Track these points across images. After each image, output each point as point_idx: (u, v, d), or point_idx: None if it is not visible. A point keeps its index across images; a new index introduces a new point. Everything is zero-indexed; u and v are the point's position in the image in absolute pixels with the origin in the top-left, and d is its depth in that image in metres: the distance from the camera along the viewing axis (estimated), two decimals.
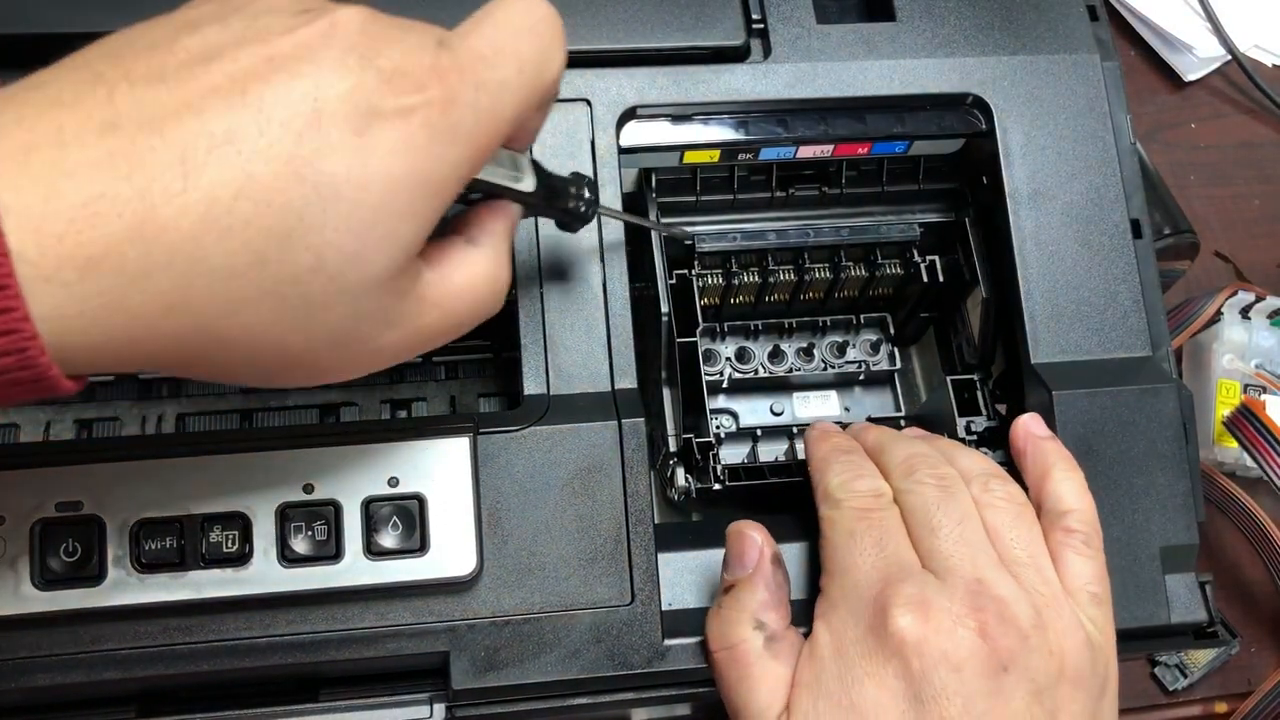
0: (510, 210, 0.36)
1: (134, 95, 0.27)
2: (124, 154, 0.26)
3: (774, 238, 0.47)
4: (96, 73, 0.27)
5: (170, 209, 0.26)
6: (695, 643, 0.39)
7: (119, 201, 0.26)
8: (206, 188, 0.27)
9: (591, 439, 0.40)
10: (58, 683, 0.36)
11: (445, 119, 0.29)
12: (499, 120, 0.31)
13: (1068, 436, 0.42)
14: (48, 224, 0.25)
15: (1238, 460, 0.59)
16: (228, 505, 0.37)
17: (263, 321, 0.28)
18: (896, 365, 0.51)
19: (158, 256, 0.26)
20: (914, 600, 0.35)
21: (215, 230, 0.27)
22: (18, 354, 0.25)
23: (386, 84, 0.28)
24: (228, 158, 0.27)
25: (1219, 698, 0.59)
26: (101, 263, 0.26)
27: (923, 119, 0.46)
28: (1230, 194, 0.70)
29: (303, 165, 0.27)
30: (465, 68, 0.30)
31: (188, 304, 0.27)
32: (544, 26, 0.32)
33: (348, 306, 0.29)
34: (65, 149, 0.26)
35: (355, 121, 0.28)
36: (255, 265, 0.27)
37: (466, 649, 0.38)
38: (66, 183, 0.26)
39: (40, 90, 0.27)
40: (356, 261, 0.29)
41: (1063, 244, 0.45)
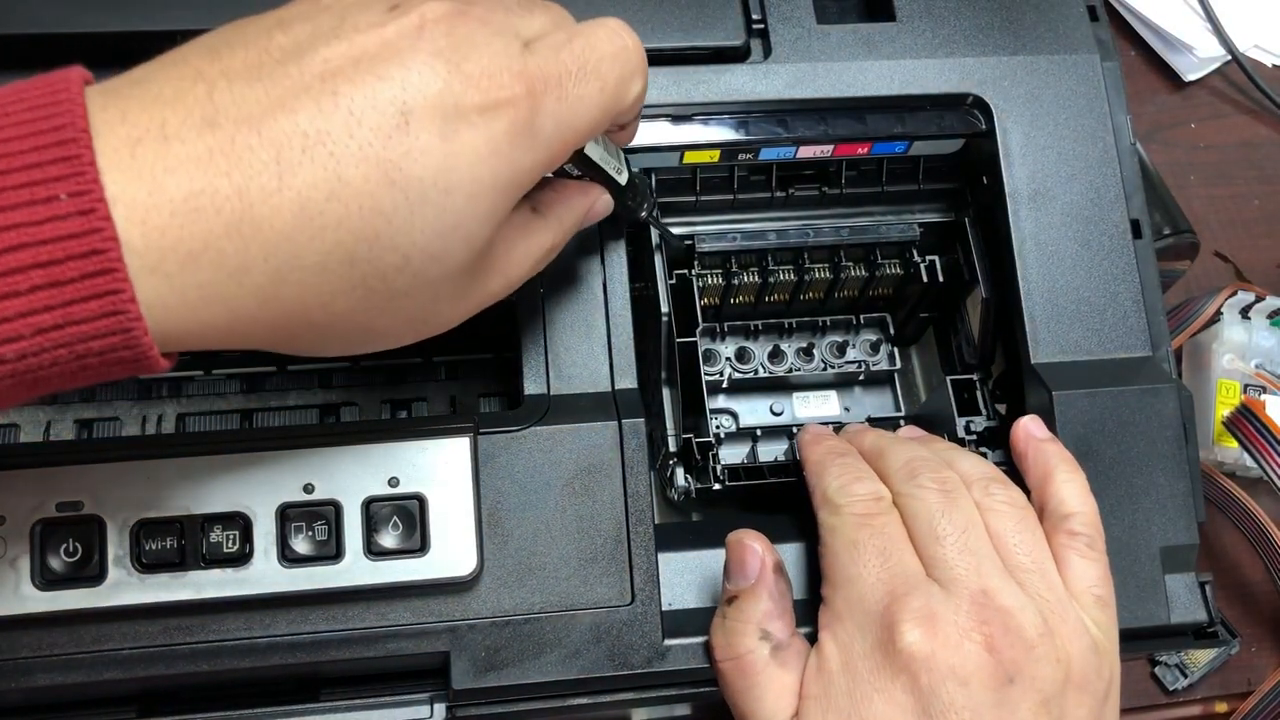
0: (594, 193, 0.38)
1: (232, 93, 0.28)
2: (223, 151, 0.27)
3: (774, 238, 0.47)
4: (196, 69, 0.28)
5: (266, 207, 0.27)
6: (695, 643, 0.39)
7: (218, 198, 0.27)
8: (299, 188, 0.28)
9: (592, 439, 0.40)
10: (58, 683, 0.36)
11: (527, 123, 0.30)
12: (575, 132, 0.32)
13: (1068, 436, 0.42)
14: (152, 217, 0.26)
15: (1238, 460, 0.59)
16: (228, 505, 0.37)
17: (352, 310, 0.30)
18: (896, 365, 0.51)
19: (254, 252, 0.28)
20: (921, 614, 0.35)
21: (309, 230, 0.28)
22: (123, 334, 0.27)
23: (473, 87, 0.29)
24: (319, 158, 0.28)
25: (1219, 698, 0.59)
26: (200, 257, 0.27)
27: (923, 119, 0.46)
28: (1230, 194, 0.70)
29: (392, 169, 0.28)
30: (550, 77, 0.31)
31: (282, 296, 0.29)
32: (628, 55, 0.34)
33: (428, 293, 0.31)
34: (168, 144, 0.27)
35: (441, 125, 0.29)
36: (345, 263, 0.29)
37: (467, 649, 0.38)
38: (169, 178, 0.27)
39: (142, 86, 0.28)
40: (439, 259, 0.30)
41: (1063, 244, 0.45)
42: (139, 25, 0.40)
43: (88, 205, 0.26)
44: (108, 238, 0.26)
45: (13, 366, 0.26)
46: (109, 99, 0.28)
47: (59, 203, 0.26)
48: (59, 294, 0.26)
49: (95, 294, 0.26)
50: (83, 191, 0.26)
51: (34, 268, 0.26)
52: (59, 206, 0.26)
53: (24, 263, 0.26)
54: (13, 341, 0.26)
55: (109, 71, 0.40)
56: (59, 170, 0.26)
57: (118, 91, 0.28)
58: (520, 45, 0.31)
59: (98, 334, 0.27)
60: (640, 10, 0.44)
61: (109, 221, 0.26)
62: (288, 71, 0.28)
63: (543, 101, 0.31)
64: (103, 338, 0.27)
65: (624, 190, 0.38)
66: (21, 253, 0.26)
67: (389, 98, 0.28)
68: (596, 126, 0.33)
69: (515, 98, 0.30)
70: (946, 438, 0.47)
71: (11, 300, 0.26)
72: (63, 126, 0.26)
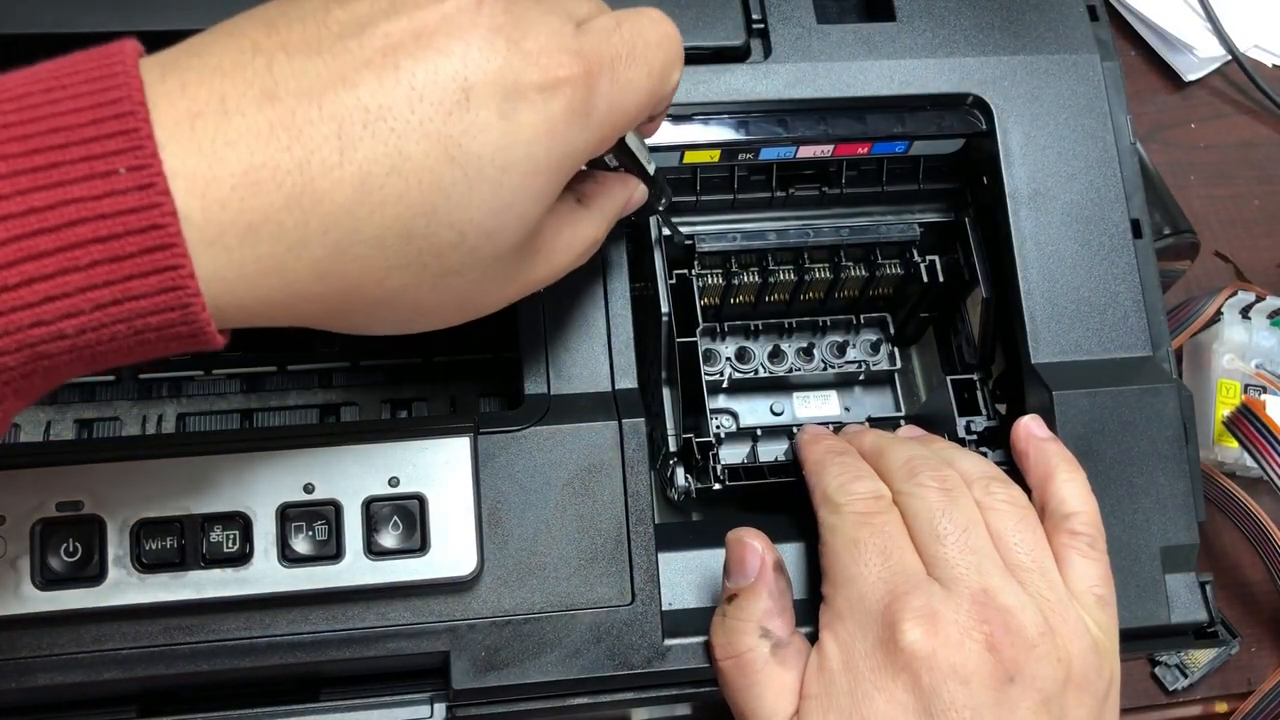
0: (632, 184, 0.38)
1: (292, 65, 0.28)
2: (283, 125, 0.27)
3: (774, 238, 0.47)
4: (254, 41, 0.28)
5: (327, 181, 0.27)
6: (696, 642, 0.39)
7: (279, 171, 0.27)
8: (361, 162, 0.28)
9: (592, 439, 0.40)
10: (58, 682, 0.36)
11: (584, 102, 0.31)
12: (625, 114, 0.33)
13: (1068, 436, 0.42)
14: (212, 190, 0.26)
15: (1238, 460, 0.59)
16: (228, 505, 0.37)
17: (405, 285, 0.30)
18: (896, 365, 0.51)
19: (314, 226, 0.28)
20: (922, 613, 0.35)
21: (368, 204, 0.28)
22: (181, 309, 0.27)
23: (532, 65, 0.29)
24: (381, 134, 0.28)
25: (1219, 698, 0.59)
26: (260, 229, 0.27)
27: (923, 119, 0.46)
28: (1230, 194, 0.70)
29: (452, 145, 0.28)
30: (604, 58, 0.31)
31: (340, 271, 0.29)
32: (670, 43, 0.34)
33: (479, 272, 0.31)
34: (228, 117, 0.27)
35: (501, 103, 0.29)
36: (402, 238, 0.29)
37: (467, 649, 0.38)
38: (229, 151, 0.27)
39: (200, 57, 0.28)
40: (492, 237, 0.30)
41: (1063, 244, 0.45)
42: (139, 25, 0.40)
43: (146, 179, 0.26)
44: (167, 212, 0.26)
45: (73, 341, 0.26)
46: (166, 71, 0.27)
47: (118, 177, 0.26)
48: (118, 269, 0.26)
49: (154, 269, 0.26)
50: (142, 165, 0.26)
51: (93, 242, 0.26)
52: (118, 181, 0.26)
53: (83, 237, 0.25)
54: (73, 316, 0.26)
55: None
56: (117, 144, 0.26)
57: (175, 63, 0.28)
58: (574, 25, 0.31)
59: (156, 309, 0.27)
60: None
61: (168, 196, 0.26)
62: (347, 46, 0.28)
63: (597, 82, 0.31)
64: (161, 313, 0.27)
65: (653, 181, 0.39)
66: (81, 227, 0.25)
67: (451, 73, 0.28)
68: (643, 111, 0.34)
69: (573, 77, 0.30)
70: (947, 437, 0.47)
71: (71, 275, 0.26)
72: (120, 99, 0.26)
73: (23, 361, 0.26)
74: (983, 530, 0.37)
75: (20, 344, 0.26)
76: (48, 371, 0.27)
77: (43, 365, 0.27)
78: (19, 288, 0.25)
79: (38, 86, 0.27)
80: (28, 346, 0.26)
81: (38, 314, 0.26)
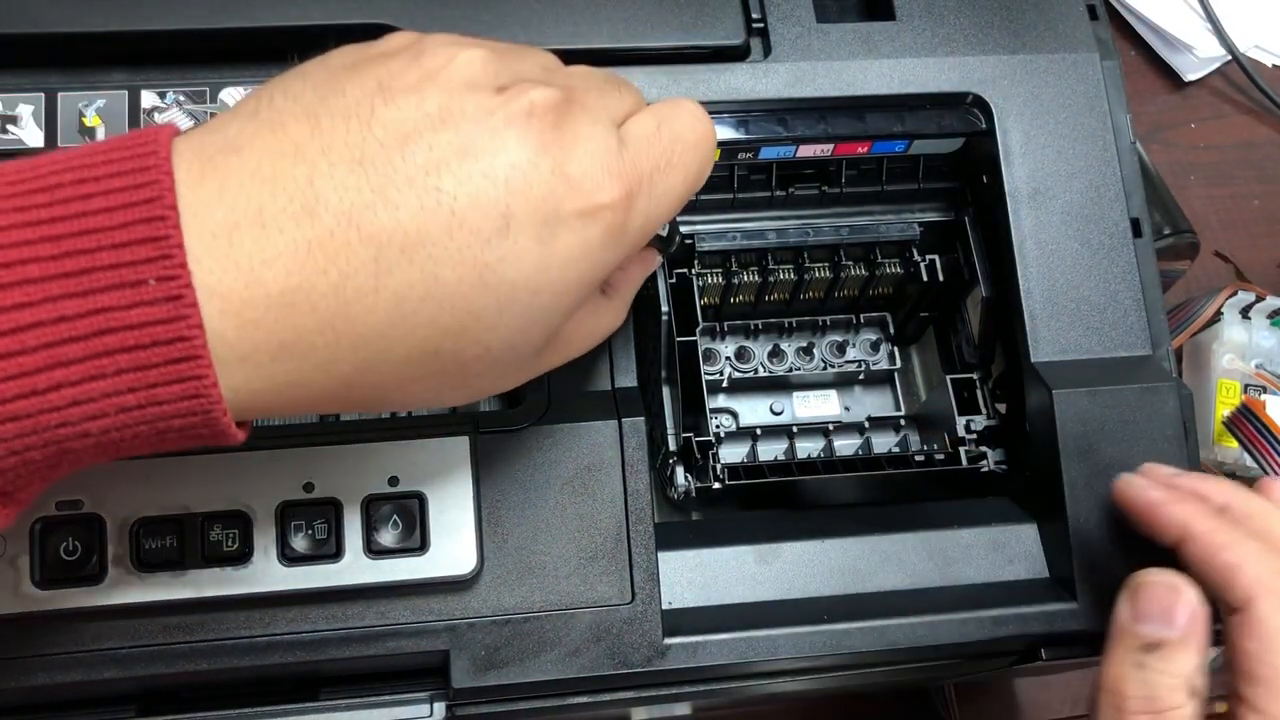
0: (652, 258, 0.38)
1: (333, 179, 0.27)
2: (321, 246, 0.27)
3: (774, 237, 0.47)
4: (295, 144, 0.28)
5: (361, 306, 0.28)
6: (696, 641, 0.39)
7: (314, 295, 0.27)
8: (396, 287, 0.28)
9: (591, 438, 0.40)
10: (58, 682, 0.36)
11: (621, 224, 0.30)
12: (658, 222, 0.33)
13: (1068, 436, 0.42)
14: (247, 311, 0.27)
15: (1238, 460, 0.59)
16: (228, 504, 0.37)
17: (428, 390, 0.31)
18: (896, 365, 0.51)
19: (344, 346, 0.28)
20: None
21: (401, 328, 0.28)
22: (204, 415, 0.27)
23: (575, 190, 0.29)
24: (418, 260, 0.28)
25: (1219, 698, 0.59)
26: (292, 348, 0.27)
27: (923, 118, 0.46)
28: (1230, 194, 0.70)
29: (487, 272, 0.28)
30: (644, 175, 0.31)
31: (366, 383, 0.29)
32: (707, 143, 0.34)
33: (499, 375, 0.32)
34: (266, 232, 0.27)
35: (540, 229, 0.29)
36: (429, 355, 0.29)
37: (467, 648, 0.38)
38: (266, 271, 0.27)
39: (239, 156, 0.28)
40: (516, 349, 0.31)
41: (1063, 243, 0.45)
42: (139, 25, 0.40)
43: (175, 291, 0.26)
44: (194, 325, 0.26)
45: (97, 439, 0.27)
46: (206, 170, 0.27)
47: (147, 287, 0.26)
48: (143, 377, 0.26)
49: (178, 378, 0.26)
50: (170, 276, 0.26)
51: (120, 352, 0.26)
52: (146, 291, 0.26)
53: (110, 347, 0.26)
54: (97, 419, 0.26)
55: (109, 72, 0.40)
56: (147, 251, 0.26)
57: (213, 161, 0.27)
58: (617, 138, 0.31)
59: (179, 414, 0.27)
60: (640, 9, 0.44)
61: (195, 308, 0.26)
62: (390, 159, 0.28)
63: (636, 201, 0.31)
64: (183, 417, 0.27)
65: (667, 244, 0.38)
66: (109, 337, 0.26)
67: (492, 199, 0.28)
68: (675, 213, 0.34)
69: (614, 202, 0.30)
70: (946, 437, 0.47)
71: (97, 382, 0.26)
72: (151, 201, 0.26)
73: (49, 456, 0.27)
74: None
75: (47, 441, 0.27)
76: (72, 461, 0.28)
77: (68, 457, 0.27)
78: (47, 392, 0.26)
79: (70, 176, 0.27)
80: (54, 444, 0.27)
81: (64, 416, 0.26)
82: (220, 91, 0.41)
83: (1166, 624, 0.35)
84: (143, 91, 0.41)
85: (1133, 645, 0.36)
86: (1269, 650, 0.34)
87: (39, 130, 0.40)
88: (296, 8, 0.41)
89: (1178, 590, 0.36)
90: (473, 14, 0.42)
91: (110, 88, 0.41)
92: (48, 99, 0.40)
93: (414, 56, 0.30)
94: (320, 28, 0.41)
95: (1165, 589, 0.36)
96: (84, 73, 0.41)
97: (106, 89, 0.41)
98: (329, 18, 0.41)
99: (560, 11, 0.43)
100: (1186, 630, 0.35)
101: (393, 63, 0.30)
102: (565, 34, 0.43)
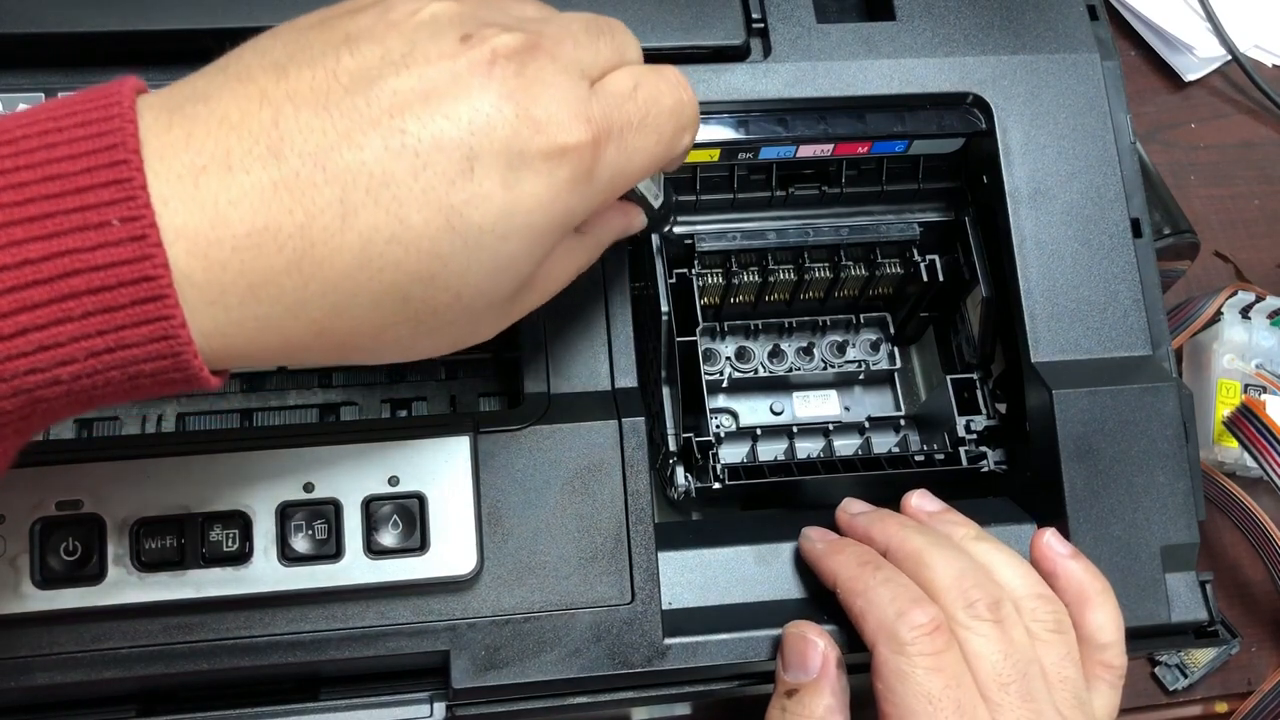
0: (633, 213, 0.38)
1: (298, 121, 0.27)
2: (288, 186, 0.27)
3: (774, 237, 0.47)
4: (261, 90, 0.28)
5: (328, 248, 0.28)
6: (695, 642, 0.39)
7: (281, 235, 0.27)
8: (362, 229, 0.28)
9: (592, 438, 0.40)
10: (58, 682, 0.36)
11: (588, 171, 0.30)
12: (627, 179, 0.33)
13: (1068, 436, 0.42)
14: (214, 251, 0.27)
15: (1238, 460, 0.59)
16: (228, 504, 0.37)
17: (400, 337, 0.31)
18: (896, 365, 0.51)
19: (313, 289, 0.28)
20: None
21: (367, 270, 0.28)
22: (174, 357, 0.27)
23: (540, 133, 0.29)
24: (384, 201, 0.28)
25: (1219, 698, 0.59)
26: (260, 291, 0.27)
27: (923, 118, 0.46)
28: (1230, 194, 0.70)
29: (453, 215, 0.28)
30: (613, 126, 0.31)
31: (337, 328, 0.29)
32: (684, 110, 0.34)
33: (472, 318, 0.32)
34: (232, 174, 0.27)
35: (505, 172, 0.29)
36: (399, 300, 0.29)
37: (467, 648, 0.38)
38: (233, 210, 0.27)
39: (207, 104, 0.28)
40: (487, 294, 0.31)
41: (1063, 243, 0.45)
42: (139, 25, 0.40)
43: (139, 231, 0.26)
44: (159, 264, 0.26)
45: (68, 387, 0.27)
46: (174, 117, 0.27)
47: (111, 228, 0.26)
48: (111, 319, 0.26)
49: (146, 319, 0.26)
50: (134, 216, 0.26)
51: (86, 294, 0.26)
52: (111, 232, 0.26)
53: (77, 289, 0.26)
54: (67, 364, 0.26)
55: (108, 72, 0.40)
56: (111, 194, 0.26)
57: (181, 109, 0.28)
58: (587, 86, 0.31)
59: (149, 357, 0.27)
60: (640, 9, 0.44)
61: (160, 248, 0.26)
62: (355, 103, 0.28)
63: (604, 150, 0.31)
64: (154, 360, 0.27)
65: (656, 211, 0.39)
66: (75, 279, 0.26)
67: (456, 140, 0.28)
68: (648, 174, 0.34)
69: (580, 145, 0.30)
70: (947, 437, 0.47)
71: (65, 325, 0.26)
72: (114, 146, 0.26)
73: (20, 406, 0.27)
74: (1038, 670, 0.37)
75: (16, 390, 0.26)
76: (45, 413, 0.28)
77: (40, 408, 0.27)
78: (14, 338, 0.26)
79: (35, 129, 0.27)
80: (24, 392, 0.26)
81: (33, 362, 0.26)
82: None
83: (803, 670, 0.38)
84: None
85: (780, 691, 0.38)
86: (890, 689, 0.36)
87: None
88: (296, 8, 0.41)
89: (807, 639, 0.38)
90: None
91: None
92: (48, 99, 0.40)
93: (382, 11, 0.30)
94: None
95: (799, 638, 0.38)
96: (84, 73, 0.41)
97: None
98: None
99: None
100: (820, 674, 0.38)
101: (361, 17, 0.30)
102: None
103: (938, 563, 0.38)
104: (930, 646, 0.36)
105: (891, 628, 0.36)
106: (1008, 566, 0.39)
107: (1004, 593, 0.38)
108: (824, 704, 0.37)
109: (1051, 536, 0.40)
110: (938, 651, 0.36)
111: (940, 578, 0.38)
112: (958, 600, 0.37)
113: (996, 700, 0.36)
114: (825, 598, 0.40)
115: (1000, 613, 0.37)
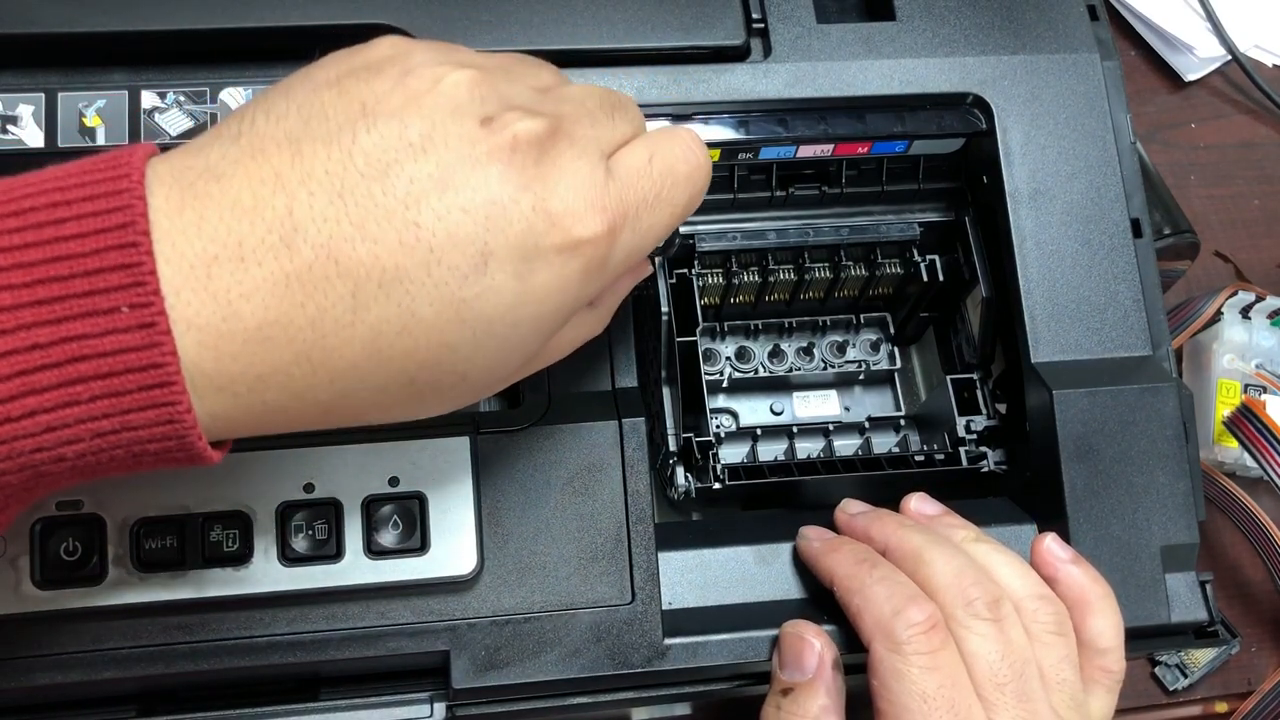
0: (643, 269, 0.38)
1: (312, 210, 0.27)
2: (299, 279, 0.27)
3: (774, 237, 0.47)
4: (275, 171, 0.28)
5: (338, 339, 0.28)
6: (695, 642, 0.39)
7: (291, 328, 0.27)
8: (372, 322, 0.28)
9: (592, 438, 0.40)
10: (58, 682, 0.36)
11: (601, 259, 0.30)
12: (641, 255, 0.33)
13: (1068, 436, 0.42)
14: (224, 344, 0.27)
15: (1238, 460, 0.59)
16: (228, 504, 0.37)
17: (407, 410, 0.31)
18: (896, 365, 0.51)
19: (321, 377, 0.28)
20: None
21: (376, 360, 0.28)
22: (178, 439, 0.27)
23: (556, 226, 0.29)
24: (395, 295, 0.28)
25: (1219, 698, 0.59)
26: (268, 379, 0.28)
27: (923, 118, 0.45)
28: (1230, 194, 0.70)
29: (464, 308, 0.28)
30: (629, 209, 0.31)
31: (343, 409, 0.29)
32: (698, 176, 0.34)
33: (476, 393, 0.32)
34: (245, 265, 0.27)
35: (519, 264, 0.29)
36: (405, 384, 0.29)
37: (467, 648, 0.38)
38: (245, 305, 0.27)
39: (219, 184, 0.27)
40: (494, 372, 0.31)
41: (1063, 243, 0.45)
42: (139, 25, 0.40)
43: (148, 318, 0.26)
44: (167, 351, 0.26)
45: (73, 463, 0.27)
46: (186, 197, 0.27)
47: (120, 314, 0.26)
48: (118, 403, 0.26)
49: (152, 404, 0.27)
50: (143, 304, 0.26)
51: (94, 379, 0.26)
52: (120, 319, 0.26)
53: (84, 374, 0.26)
54: (72, 444, 0.27)
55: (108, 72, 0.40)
56: (119, 278, 0.26)
57: (193, 188, 0.27)
58: (604, 170, 0.31)
59: (154, 439, 0.27)
60: (640, 10, 0.44)
61: (168, 335, 0.26)
62: (370, 190, 0.27)
63: (619, 236, 0.31)
64: (158, 441, 0.27)
65: (662, 248, 0.38)
66: (83, 364, 0.26)
67: (470, 235, 0.28)
68: (659, 244, 0.33)
69: (595, 237, 0.30)
70: (947, 437, 0.47)
71: (72, 408, 0.26)
72: (124, 226, 0.26)
73: (25, 480, 0.27)
74: (1035, 671, 0.37)
75: (23, 466, 0.27)
76: (49, 484, 0.28)
77: (44, 480, 0.27)
78: (22, 419, 0.26)
79: (43, 200, 0.27)
80: (30, 468, 0.27)
81: (39, 441, 0.26)
82: (220, 91, 0.41)
83: (799, 670, 0.38)
84: (143, 92, 0.41)
85: (775, 689, 0.38)
86: (885, 687, 0.36)
87: (39, 130, 0.40)
88: (296, 8, 0.41)
89: (803, 639, 0.38)
90: (473, 14, 0.42)
91: (110, 88, 0.41)
92: (48, 99, 0.40)
93: (400, 76, 0.29)
94: (320, 28, 0.41)
95: (795, 638, 0.38)
96: (84, 73, 0.41)
97: (106, 89, 0.40)
98: (329, 18, 0.41)
99: (560, 12, 0.43)
100: (815, 674, 0.38)
101: (378, 82, 0.29)
102: (565, 34, 0.43)
103: (937, 561, 0.38)
104: (926, 645, 0.36)
105: (888, 625, 0.36)
106: (1008, 568, 0.39)
107: (1004, 592, 0.38)
108: (818, 704, 0.37)
109: (1052, 541, 0.40)
110: (934, 650, 0.36)
111: (939, 576, 0.38)
112: (956, 599, 0.37)
113: (992, 700, 0.36)
114: (825, 598, 0.40)
115: (999, 612, 0.37)
